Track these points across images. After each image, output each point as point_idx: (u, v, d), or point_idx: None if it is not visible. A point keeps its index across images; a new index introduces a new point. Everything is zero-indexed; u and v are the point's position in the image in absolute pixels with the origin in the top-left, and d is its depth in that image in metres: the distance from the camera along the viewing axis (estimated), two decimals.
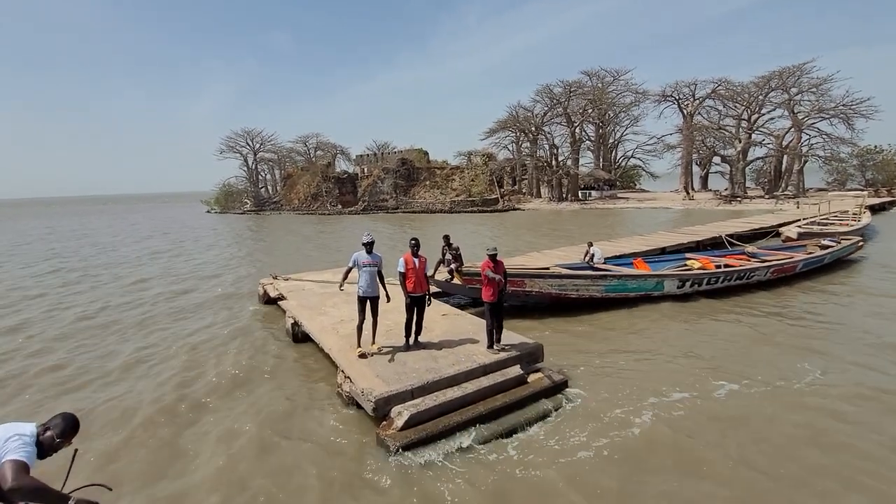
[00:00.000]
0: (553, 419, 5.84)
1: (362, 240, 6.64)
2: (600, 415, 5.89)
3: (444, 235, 10.12)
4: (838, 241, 13.81)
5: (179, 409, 6.48)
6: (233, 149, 62.84)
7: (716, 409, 5.96)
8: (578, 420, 5.79)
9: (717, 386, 6.58)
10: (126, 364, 8.24)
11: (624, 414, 5.87)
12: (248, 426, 5.92)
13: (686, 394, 6.35)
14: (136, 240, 30.43)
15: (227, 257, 21.68)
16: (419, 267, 6.64)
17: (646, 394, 6.37)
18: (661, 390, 6.47)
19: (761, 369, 7.04)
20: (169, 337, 9.75)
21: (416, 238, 6.70)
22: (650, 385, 6.63)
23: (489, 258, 6.71)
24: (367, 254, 6.58)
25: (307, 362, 7.93)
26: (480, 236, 26.39)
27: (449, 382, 6.01)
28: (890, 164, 43.17)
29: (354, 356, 6.71)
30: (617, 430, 5.54)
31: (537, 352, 6.92)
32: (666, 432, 5.46)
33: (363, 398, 5.67)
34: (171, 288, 14.78)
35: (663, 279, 10.58)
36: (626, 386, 6.65)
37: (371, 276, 6.56)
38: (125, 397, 6.90)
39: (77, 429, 2.76)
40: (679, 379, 6.83)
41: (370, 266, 6.56)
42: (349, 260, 6.71)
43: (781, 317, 9.54)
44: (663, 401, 6.20)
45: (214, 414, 6.34)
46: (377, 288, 6.64)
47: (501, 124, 53.38)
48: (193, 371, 7.81)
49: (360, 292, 6.60)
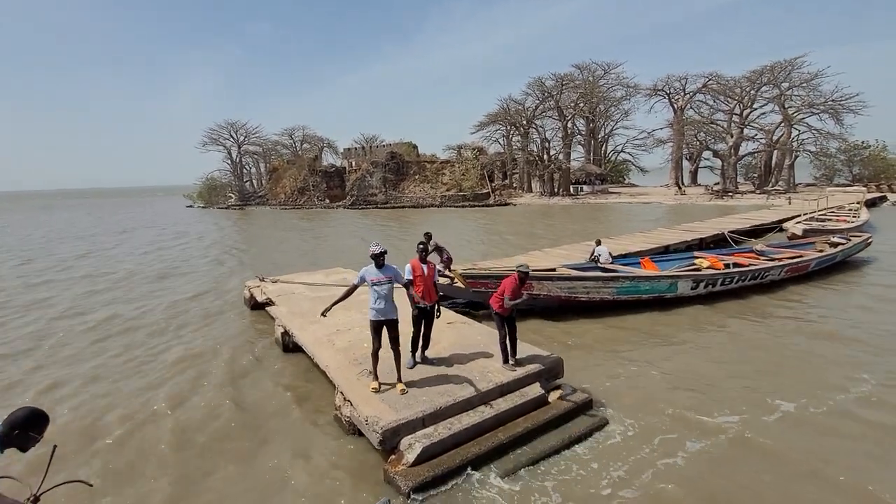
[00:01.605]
0: (582, 448, 5.18)
1: (370, 250, 5.41)
2: (636, 442, 5.24)
3: (425, 233, 8.83)
4: (848, 239, 13.44)
5: (156, 437, 5.68)
6: (216, 141, 61.01)
7: (775, 437, 5.26)
8: (612, 449, 5.14)
9: (770, 407, 5.90)
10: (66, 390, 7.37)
11: (664, 441, 5.24)
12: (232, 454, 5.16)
13: (734, 417, 5.69)
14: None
15: (210, 257, 20.63)
16: (428, 274, 5.90)
17: (684, 415, 5.76)
18: (701, 410, 5.86)
19: (811, 384, 6.45)
20: (144, 348, 8.88)
21: (424, 242, 5.93)
22: (687, 403, 6.02)
23: (518, 278, 5.88)
24: (378, 268, 5.41)
25: (300, 378, 7.16)
26: (474, 232, 25.70)
27: (463, 406, 5.31)
28: (876, 159, 43.52)
29: (354, 375, 5.97)
30: (660, 460, 4.91)
31: (557, 367, 6.26)
32: (720, 462, 4.84)
33: (368, 428, 4.94)
34: (142, 298, 13.79)
35: (677, 280, 10.02)
36: (659, 404, 6.02)
37: (385, 295, 5.38)
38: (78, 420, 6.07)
39: (39, 423, 2.48)
40: (720, 396, 6.21)
41: (382, 283, 5.38)
42: (356, 277, 5.57)
43: (808, 321, 9.02)
44: (706, 423, 5.58)
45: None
46: (394, 309, 5.45)
47: (492, 118, 52.53)
48: (174, 389, 6.98)
49: (372, 315, 5.44)
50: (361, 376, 5.91)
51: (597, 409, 5.96)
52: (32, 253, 22.68)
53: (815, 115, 40.33)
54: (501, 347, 6.10)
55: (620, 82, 53.66)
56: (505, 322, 6.04)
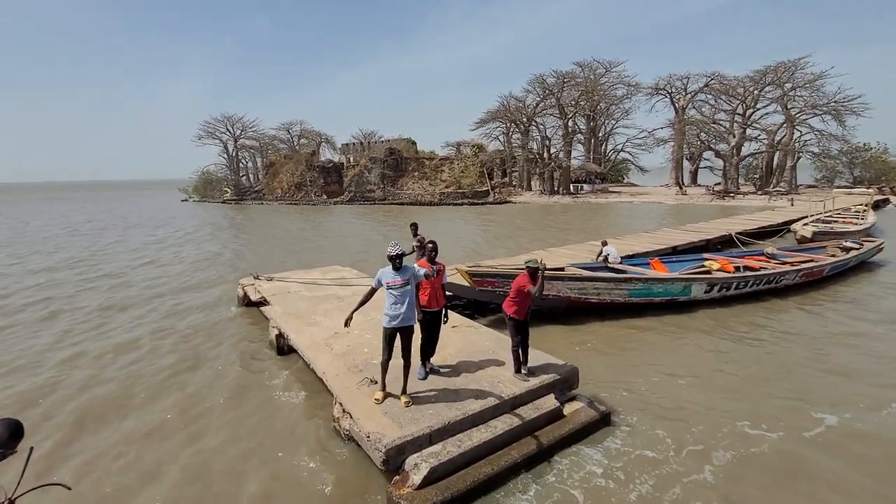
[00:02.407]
0: (603, 464, 4.75)
1: (387, 251, 4.80)
2: (660, 454, 4.83)
3: (411, 224, 8.28)
4: (861, 243, 13.08)
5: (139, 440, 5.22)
6: (212, 135, 60.21)
7: (817, 453, 4.86)
8: (636, 463, 4.72)
9: (810, 419, 5.46)
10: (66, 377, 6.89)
11: (691, 454, 4.84)
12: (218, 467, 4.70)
13: (769, 429, 5.28)
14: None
15: (202, 252, 20.09)
16: (436, 276, 5.46)
17: (712, 426, 5.35)
18: (730, 420, 5.46)
19: (851, 395, 6.04)
20: (121, 350, 8.39)
21: (434, 241, 5.45)
22: (714, 413, 5.62)
23: (529, 273, 5.50)
24: (395, 270, 4.79)
25: (295, 385, 6.69)
26: (474, 230, 25.25)
27: (474, 420, 4.87)
28: (877, 161, 43.36)
29: (354, 384, 5.51)
30: (688, 475, 4.51)
31: (572, 376, 5.83)
32: (755, 478, 4.43)
33: (370, 445, 4.49)
34: (133, 289, 13.28)
35: (691, 283, 9.61)
36: (682, 414, 5.62)
37: (402, 298, 4.83)
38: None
39: (18, 436, 2.18)
40: (751, 406, 5.81)
41: (400, 286, 4.80)
42: (374, 279, 4.98)
43: (833, 328, 8.59)
44: (737, 434, 5.18)
45: (177, 449, 5.09)
46: (412, 315, 4.93)
47: (492, 115, 52.06)
48: (155, 394, 6.51)
49: (386, 322, 4.88)
50: (362, 385, 5.46)
51: (615, 420, 5.55)
52: (30, 247, 22.08)
53: (817, 116, 40.09)
54: (514, 356, 5.66)
55: (622, 81, 53.30)
56: (520, 329, 5.61)
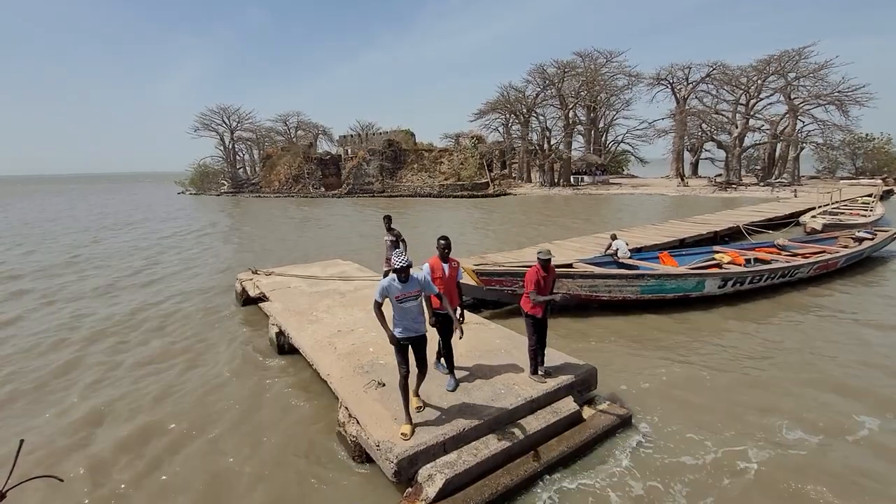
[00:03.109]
0: (628, 475, 4.46)
1: (393, 262, 4.31)
2: (689, 459, 4.54)
3: (385, 216, 7.98)
4: (874, 234, 12.78)
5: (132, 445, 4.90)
6: (208, 126, 59.37)
7: (858, 461, 4.58)
8: (665, 471, 4.43)
9: (852, 422, 5.17)
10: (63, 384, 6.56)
11: (726, 454, 4.57)
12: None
13: (804, 433, 5.00)
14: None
15: (198, 246, 19.69)
16: (449, 275, 5.06)
17: (744, 430, 5.07)
18: (762, 423, 5.19)
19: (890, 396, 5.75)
20: (113, 350, 8.06)
21: (447, 237, 5.05)
22: (744, 417, 5.33)
23: (540, 265, 5.19)
24: (402, 282, 4.31)
25: (297, 385, 6.37)
26: (475, 224, 24.88)
27: (490, 426, 4.56)
28: (880, 152, 43.04)
29: (361, 386, 5.20)
30: (722, 480, 4.21)
31: (590, 377, 5.53)
32: (795, 486, 4.15)
33: (379, 455, 4.18)
34: (124, 283, 12.92)
35: (705, 279, 9.30)
36: (710, 417, 5.33)
37: (412, 311, 4.40)
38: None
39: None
40: (781, 407, 5.51)
41: (408, 299, 4.35)
42: (376, 292, 4.36)
43: (860, 321, 8.29)
44: (772, 439, 4.89)
45: (164, 458, 4.78)
46: (422, 323, 4.52)
47: (491, 105, 51.35)
48: (145, 398, 6.19)
49: (398, 333, 4.42)
50: (369, 388, 5.15)
51: (636, 422, 5.26)
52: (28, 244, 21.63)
53: (821, 106, 39.61)
54: (531, 356, 5.34)
55: (622, 71, 52.55)
56: (538, 327, 5.29)
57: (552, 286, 5.37)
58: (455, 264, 5.15)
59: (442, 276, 5.01)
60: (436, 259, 5.07)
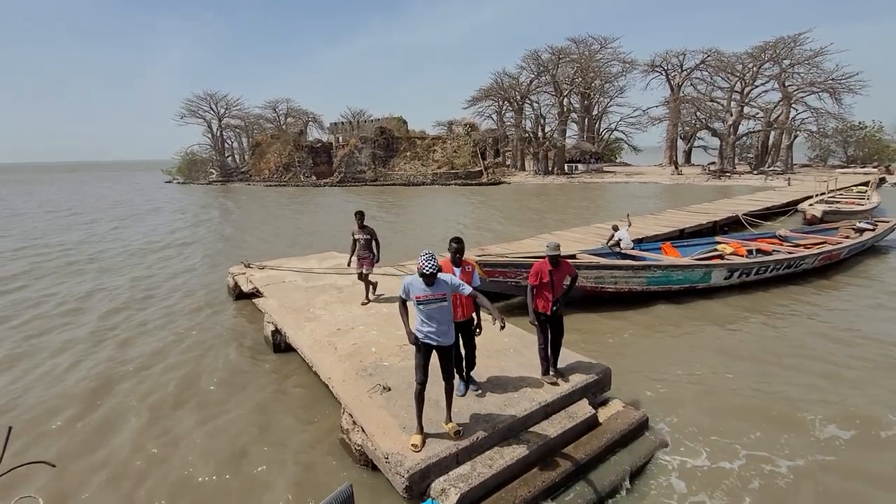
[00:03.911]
0: (651, 483, 4.24)
1: (419, 265, 3.83)
2: (721, 475, 4.31)
3: (356, 212, 7.56)
4: (875, 224, 12.69)
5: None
6: (195, 113, 58.00)
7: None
8: (692, 480, 4.21)
9: (886, 419, 5.01)
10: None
11: (751, 459, 4.36)
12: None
13: (844, 430, 4.82)
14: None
15: (187, 238, 19.17)
16: (463, 279, 4.66)
17: (771, 429, 4.88)
18: (788, 420, 5.00)
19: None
20: (97, 344, 7.67)
21: (460, 238, 4.63)
22: (769, 414, 5.15)
23: (549, 260, 4.91)
24: (428, 286, 3.87)
25: (295, 387, 6.07)
26: (471, 213, 24.55)
27: (503, 434, 4.31)
28: (871, 140, 43.25)
29: (365, 391, 4.91)
30: (751, 482, 4.03)
31: (605, 377, 5.29)
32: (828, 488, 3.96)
33: (389, 468, 3.91)
34: (112, 279, 12.45)
35: (711, 269, 9.12)
36: (732, 416, 5.15)
37: (437, 314, 3.91)
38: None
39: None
40: (805, 401, 5.32)
41: (433, 302, 3.88)
42: (401, 288, 4.04)
43: (875, 312, 8.22)
44: (802, 433, 4.73)
45: (150, 471, 4.47)
46: (449, 330, 3.99)
47: (485, 92, 50.66)
48: (130, 399, 5.85)
49: (421, 336, 3.99)
50: (374, 393, 4.86)
51: (655, 425, 5.04)
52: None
53: (814, 93, 39.57)
54: (541, 356, 5.09)
55: (616, 57, 52.09)
56: (547, 326, 5.02)
57: (565, 285, 5.06)
58: (469, 268, 4.70)
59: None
60: (445, 262, 4.63)
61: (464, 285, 4.00)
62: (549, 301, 4.95)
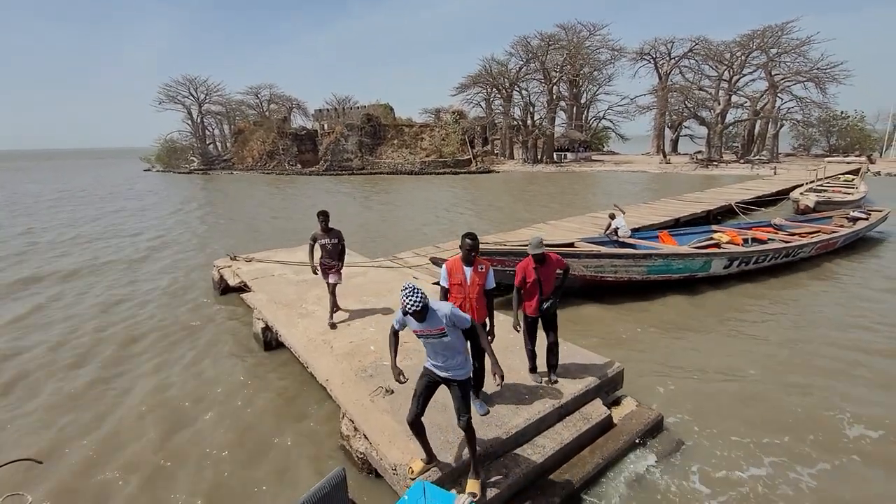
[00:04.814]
0: (673, 489, 4.03)
1: (402, 303, 3.12)
2: (746, 481, 4.10)
3: (319, 213, 6.32)
4: (868, 213, 12.73)
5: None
6: (174, 99, 56.03)
7: None
8: (715, 485, 4.00)
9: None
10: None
11: (775, 466, 4.15)
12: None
13: (872, 430, 4.67)
14: None
15: (169, 229, 18.46)
16: (472, 283, 4.05)
17: (795, 428, 4.71)
18: (812, 417, 4.85)
19: None
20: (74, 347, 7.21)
21: (474, 234, 4.09)
22: (790, 410, 4.98)
23: (533, 258, 4.45)
24: (420, 322, 3.20)
25: (288, 386, 5.72)
26: (463, 203, 24.19)
27: (517, 440, 4.05)
28: (853, 130, 43.86)
29: (366, 394, 4.59)
30: (777, 488, 3.83)
31: (618, 375, 5.07)
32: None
33: (397, 481, 3.62)
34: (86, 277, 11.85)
35: (711, 258, 8.97)
36: (751, 413, 4.97)
37: (442, 349, 3.32)
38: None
39: None
40: (826, 397, 5.19)
41: (432, 336, 3.27)
42: (395, 318, 3.44)
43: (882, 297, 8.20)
44: (828, 433, 4.59)
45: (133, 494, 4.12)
46: (461, 363, 3.38)
47: (473, 79, 49.93)
48: (110, 405, 5.45)
49: (428, 364, 3.49)
50: (376, 396, 4.55)
51: (669, 425, 4.84)
52: None
53: (800, 83, 39.86)
54: (529, 355, 4.82)
55: (605, 45, 51.70)
56: (534, 329, 4.71)
57: (558, 274, 4.65)
58: (483, 268, 4.09)
59: (462, 282, 4.06)
60: (455, 260, 4.13)
61: (464, 318, 3.30)
62: (537, 301, 4.54)
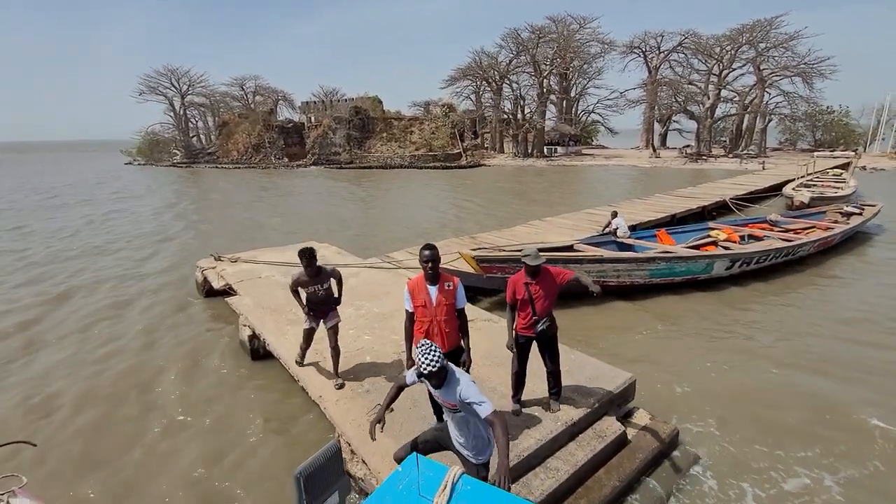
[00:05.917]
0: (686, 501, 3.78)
1: (418, 363, 2.66)
2: (754, 481, 3.88)
3: (301, 251, 4.64)
4: (861, 209, 12.70)
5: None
6: (155, 90, 54.52)
7: None
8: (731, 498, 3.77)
9: None
10: None
11: (810, 486, 3.93)
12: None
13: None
14: None
15: (151, 228, 17.79)
16: (439, 303, 3.48)
17: (823, 436, 4.52)
18: (836, 422, 4.67)
19: None
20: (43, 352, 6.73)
21: (432, 246, 3.48)
22: (823, 414, 4.80)
23: (526, 272, 3.85)
24: (437, 388, 2.76)
25: (278, 399, 5.36)
26: (455, 199, 23.81)
27: (529, 463, 3.75)
28: (838, 125, 44.38)
29: (363, 412, 4.26)
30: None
31: (630, 387, 4.79)
32: None
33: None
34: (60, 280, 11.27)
35: (714, 260, 8.78)
36: (772, 419, 4.76)
37: (459, 426, 2.87)
38: None
39: None
40: (851, 396, 4.98)
41: (448, 410, 2.85)
42: (408, 374, 2.95)
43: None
44: (855, 436, 4.37)
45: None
46: (479, 447, 2.88)
47: (463, 72, 49.31)
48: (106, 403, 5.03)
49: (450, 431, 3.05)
50: (373, 414, 4.20)
51: (686, 439, 4.59)
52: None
53: (787, 77, 40.10)
54: (513, 382, 4.20)
55: (595, 38, 51.42)
56: (528, 348, 4.09)
57: (550, 297, 3.97)
58: (451, 285, 3.51)
59: (426, 303, 3.46)
60: (418, 280, 3.55)
61: (484, 404, 2.59)
62: (529, 321, 3.95)
